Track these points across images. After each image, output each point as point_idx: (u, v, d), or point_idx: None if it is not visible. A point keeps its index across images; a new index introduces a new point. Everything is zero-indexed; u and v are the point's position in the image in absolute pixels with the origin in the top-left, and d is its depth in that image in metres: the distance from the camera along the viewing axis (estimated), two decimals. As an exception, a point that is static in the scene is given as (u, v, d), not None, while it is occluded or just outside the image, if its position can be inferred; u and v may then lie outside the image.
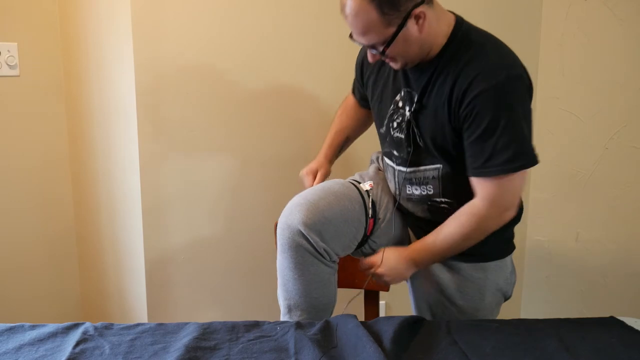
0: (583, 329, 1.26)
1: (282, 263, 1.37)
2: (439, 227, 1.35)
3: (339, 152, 1.64)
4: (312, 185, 1.49)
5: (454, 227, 1.32)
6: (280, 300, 1.41)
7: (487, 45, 1.27)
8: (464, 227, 1.30)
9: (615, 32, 1.94)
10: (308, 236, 1.31)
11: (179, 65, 1.82)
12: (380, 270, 1.37)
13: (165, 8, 1.77)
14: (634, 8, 1.92)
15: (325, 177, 1.54)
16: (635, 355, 1.16)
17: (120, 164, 1.92)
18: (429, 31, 1.24)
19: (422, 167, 1.38)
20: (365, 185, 1.45)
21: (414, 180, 1.40)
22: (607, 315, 1.35)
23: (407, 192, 1.42)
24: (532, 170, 1.38)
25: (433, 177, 1.37)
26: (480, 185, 1.28)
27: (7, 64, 1.82)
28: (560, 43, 2.00)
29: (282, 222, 1.35)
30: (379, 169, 1.58)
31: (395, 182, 1.45)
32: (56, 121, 1.97)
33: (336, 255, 1.37)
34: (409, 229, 1.52)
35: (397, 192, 1.45)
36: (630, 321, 1.30)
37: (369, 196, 1.43)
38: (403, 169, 1.40)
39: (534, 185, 2.11)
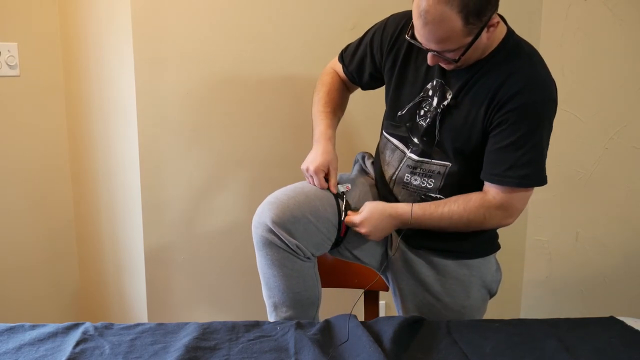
0: (583, 329, 1.27)
1: (260, 261, 1.39)
2: (442, 201, 1.36)
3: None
4: (326, 185, 1.41)
5: (461, 208, 1.33)
6: (265, 299, 1.42)
7: (535, 59, 1.29)
8: (470, 213, 1.33)
9: (615, 32, 1.94)
10: (278, 233, 1.33)
11: (178, 65, 1.82)
12: (363, 230, 1.39)
13: (165, 8, 1.77)
14: (634, 8, 1.92)
15: (337, 171, 1.44)
16: (635, 355, 1.16)
17: (120, 164, 1.92)
18: (491, 37, 1.25)
19: (432, 161, 1.38)
20: (342, 187, 1.45)
21: (418, 170, 1.40)
22: (607, 315, 1.35)
23: (405, 180, 1.43)
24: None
25: (438, 172, 1.38)
26: (494, 190, 1.31)
27: (7, 64, 1.82)
28: (560, 43, 2.00)
29: (255, 220, 1.38)
30: (366, 172, 1.57)
31: (397, 167, 1.45)
32: (56, 121, 1.97)
33: (310, 253, 1.38)
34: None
35: (394, 177, 1.45)
36: (630, 321, 1.30)
37: (343, 198, 1.43)
38: (415, 157, 1.40)
39: (534, 185, 2.11)
